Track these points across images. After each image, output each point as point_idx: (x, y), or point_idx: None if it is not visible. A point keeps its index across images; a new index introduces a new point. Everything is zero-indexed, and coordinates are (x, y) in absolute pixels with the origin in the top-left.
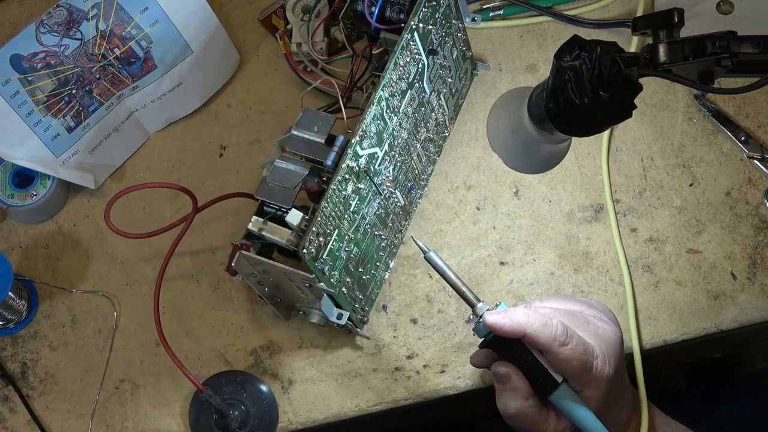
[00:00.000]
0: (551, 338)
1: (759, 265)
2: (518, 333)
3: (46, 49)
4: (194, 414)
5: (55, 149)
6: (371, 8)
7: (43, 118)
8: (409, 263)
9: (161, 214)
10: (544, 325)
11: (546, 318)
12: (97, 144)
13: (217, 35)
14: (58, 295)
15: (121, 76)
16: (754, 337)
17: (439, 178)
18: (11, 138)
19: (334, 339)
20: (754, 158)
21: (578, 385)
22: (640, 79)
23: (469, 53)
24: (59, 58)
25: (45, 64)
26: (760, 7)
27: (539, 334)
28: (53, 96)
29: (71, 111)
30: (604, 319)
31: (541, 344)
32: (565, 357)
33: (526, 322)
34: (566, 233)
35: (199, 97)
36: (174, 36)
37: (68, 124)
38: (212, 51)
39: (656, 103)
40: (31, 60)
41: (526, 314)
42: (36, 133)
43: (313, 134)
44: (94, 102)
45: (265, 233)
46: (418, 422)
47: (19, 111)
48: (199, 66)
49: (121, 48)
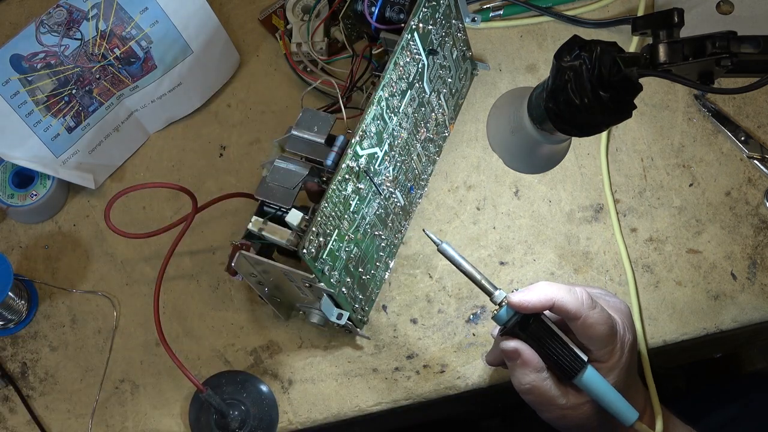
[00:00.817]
0: (579, 303)
1: (759, 265)
2: (547, 304)
3: (46, 49)
4: (194, 414)
5: (55, 149)
6: (371, 8)
7: (43, 118)
8: (409, 263)
9: (161, 214)
10: (570, 292)
11: (567, 286)
12: (97, 144)
13: (216, 35)
14: (58, 295)
15: (121, 76)
16: (754, 337)
17: (439, 178)
18: (11, 138)
19: (334, 339)
20: (754, 158)
21: (605, 354)
22: (640, 79)
23: (469, 53)
24: (59, 58)
25: (45, 64)
26: (760, 7)
27: (567, 300)
28: (53, 96)
29: (71, 111)
30: (610, 295)
31: (570, 311)
32: (593, 321)
33: (551, 291)
34: (566, 233)
35: (199, 97)
36: (174, 36)
37: (68, 124)
38: (212, 51)
39: (656, 103)
40: (31, 60)
41: (550, 284)
42: (36, 133)
43: (313, 134)
44: (94, 102)
45: (265, 233)
46: (418, 422)
47: (19, 111)
48: (199, 66)
49: (121, 48)
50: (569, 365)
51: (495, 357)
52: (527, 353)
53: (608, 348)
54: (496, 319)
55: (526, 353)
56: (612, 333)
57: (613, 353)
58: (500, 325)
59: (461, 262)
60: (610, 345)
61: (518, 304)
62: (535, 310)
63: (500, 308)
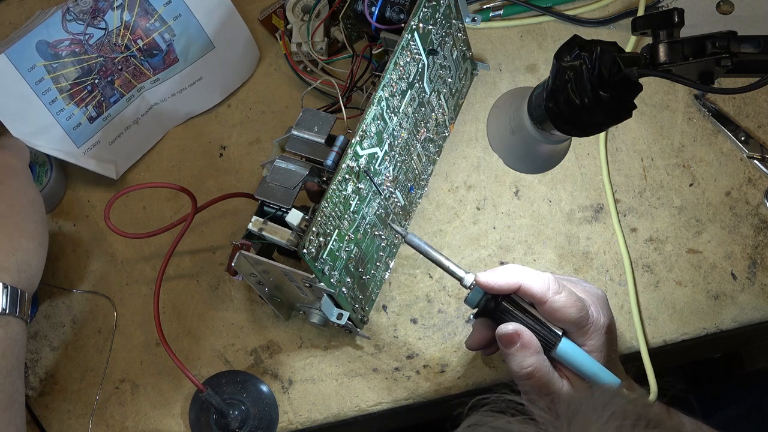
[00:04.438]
0: (545, 287)
1: (759, 265)
2: (513, 286)
3: (72, 36)
4: (194, 414)
5: (77, 139)
6: (371, 8)
7: (66, 106)
8: (409, 263)
9: (161, 214)
10: (537, 275)
11: (535, 271)
12: (117, 136)
13: (238, 32)
14: (58, 295)
15: (142, 68)
16: (754, 337)
17: (439, 178)
18: (34, 125)
19: (334, 339)
20: (754, 158)
21: (580, 336)
22: (640, 79)
23: (469, 53)
24: (83, 47)
25: (70, 52)
26: (760, 7)
27: (533, 283)
28: (76, 84)
29: (93, 101)
30: (586, 283)
31: (535, 294)
32: (561, 304)
33: (518, 273)
34: (566, 233)
35: (219, 93)
36: (196, 30)
37: (90, 114)
38: (234, 47)
39: (656, 103)
40: (56, 47)
41: (515, 267)
42: (59, 121)
43: (313, 134)
44: (116, 93)
45: (265, 233)
46: (418, 422)
47: (43, 98)
48: (220, 61)
49: (144, 39)
50: (545, 339)
51: (474, 340)
52: (527, 336)
53: (582, 330)
54: (468, 302)
55: (526, 336)
56: (583, 316)
57: (588, 336)
58: (472, 308)
59: (428, 250)
60: (582, 327)
61: (485, 284)
62: (501, 290)
63: (470, 290)
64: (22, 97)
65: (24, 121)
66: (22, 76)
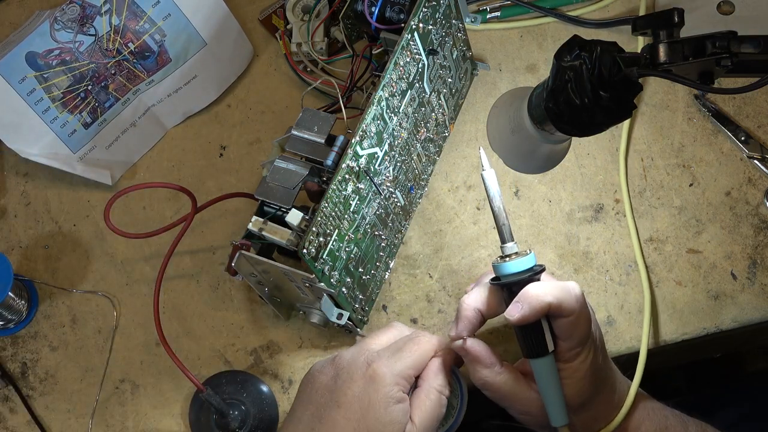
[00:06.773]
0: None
1: (759, 265)
2: (543, 313)
3: (61, 45)
4: (194, 414)
5: (72, 145)
6: (371, 8)
7: (60, 114)
8: (409, 263)
9: (161, 214)
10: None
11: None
12: (114, 139)
13: (228, 26)
14: (58, 295)
15: (136, 70)
16: (754, 337)
17: (439, 178)
18: (28, 135)
19: (334, 339)
20: (754, 158)
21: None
22: (640, 79)
23: (469, 53)
24: (74, 55)
25: (60, 61)
26: (760, 7)
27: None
28: (69, 92)
29: (87, 107)
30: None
31: (564, 310)
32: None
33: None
34: (566, 233)
35: (215, 90)
36: (187, 28)
37: (85, 120)
38: (225, 42)
39: (656, 103)
40: (46, 57)
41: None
42: (53, 129)
43: (313, 134)
44: (110, 98)
45: (265, 233)
46: None
47: (35, 108)
48: (213, 58)
49: (135, 42)
50: (532, 346)
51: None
52: (475, 349)
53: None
54: (495, 269)
55: (474, 349)
56: (590, 330)
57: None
58: (498, 275)
59: (495, 196)
60: (584, 343)
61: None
62: (536, 319)
63: (501, 261)
64: (14, 109)
65: (18, 132)
66: (13, 88)
